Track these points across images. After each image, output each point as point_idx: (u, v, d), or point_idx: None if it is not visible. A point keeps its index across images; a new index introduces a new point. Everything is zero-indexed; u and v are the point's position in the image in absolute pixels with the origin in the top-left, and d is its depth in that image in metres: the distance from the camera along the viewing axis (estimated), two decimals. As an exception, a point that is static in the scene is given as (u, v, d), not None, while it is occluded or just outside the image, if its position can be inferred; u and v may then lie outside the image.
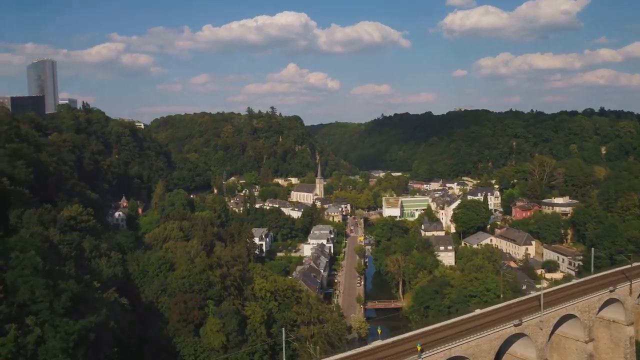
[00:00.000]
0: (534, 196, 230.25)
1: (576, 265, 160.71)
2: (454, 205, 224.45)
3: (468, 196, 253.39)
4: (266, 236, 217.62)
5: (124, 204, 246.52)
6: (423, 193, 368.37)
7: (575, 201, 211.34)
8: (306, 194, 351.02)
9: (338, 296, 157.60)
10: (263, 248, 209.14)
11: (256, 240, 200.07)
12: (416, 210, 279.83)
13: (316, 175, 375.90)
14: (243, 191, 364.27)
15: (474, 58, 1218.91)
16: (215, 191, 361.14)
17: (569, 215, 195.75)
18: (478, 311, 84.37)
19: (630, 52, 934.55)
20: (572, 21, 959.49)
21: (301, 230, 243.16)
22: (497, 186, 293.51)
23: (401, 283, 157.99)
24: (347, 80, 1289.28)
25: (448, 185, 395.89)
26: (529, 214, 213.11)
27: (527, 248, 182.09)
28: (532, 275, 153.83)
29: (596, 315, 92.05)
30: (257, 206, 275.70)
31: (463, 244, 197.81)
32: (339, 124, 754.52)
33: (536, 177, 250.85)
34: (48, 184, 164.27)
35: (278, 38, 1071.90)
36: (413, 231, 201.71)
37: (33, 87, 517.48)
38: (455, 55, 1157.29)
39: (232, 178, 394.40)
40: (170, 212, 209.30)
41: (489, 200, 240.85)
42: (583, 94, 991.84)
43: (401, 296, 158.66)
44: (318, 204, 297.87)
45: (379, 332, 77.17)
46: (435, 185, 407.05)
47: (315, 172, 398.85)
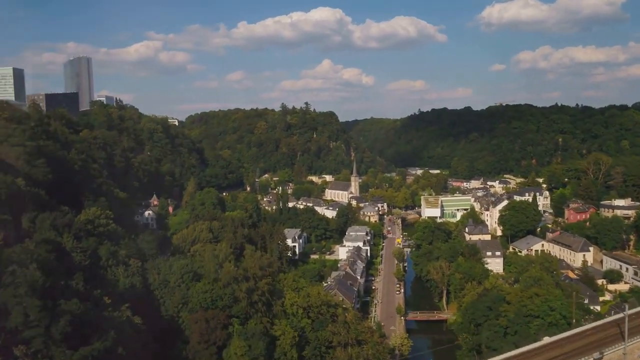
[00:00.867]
0: (589, 197, 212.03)
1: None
2: (500, 206, 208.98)
3: (514, 196, 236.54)
4: (299, 237, 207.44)
5: (155, 203, 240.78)
6: (463, 192, 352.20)
7: (638, 203, 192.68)
8: (341, 192, 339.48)
9: (376, 305, 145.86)
10: (296, 250, 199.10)
11: (289, 242, 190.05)
12: (457, 210, 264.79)
13: (351, 172, 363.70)
14: (276, 189, 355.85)
15: (513, 52, 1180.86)
16: (247, 189, 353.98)
17: (632, 219, 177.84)
18: (547, 339, 71.36)
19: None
20: (617, 12, 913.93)
21: (336, 230, 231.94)
22: (545, 185, 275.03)
23: (445, 292, 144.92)
24: (382, 75, 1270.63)
25: (489, 183, 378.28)
26: (585, 217, 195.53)
27: (585, 255, 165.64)
28: (593, 286, 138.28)
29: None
30: (290, 205, 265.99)
31: (511, 249, 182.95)
32: (374, 120, 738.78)
33: (590, 177, 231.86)
34: (73, 183, 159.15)
35: (313, 34, 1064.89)
36: (456, 234, 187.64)
37: (69, 84, 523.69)
38: (493, 49, 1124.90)
39: (265, 175, 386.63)
40: (200, 212, 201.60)
41: (538, 200, 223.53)
42: (627, 88, 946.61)
43: (445, 306, 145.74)
44: (353, 203, 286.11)
45: None
46: (475, 183, 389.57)
47: (350, 170, 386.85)
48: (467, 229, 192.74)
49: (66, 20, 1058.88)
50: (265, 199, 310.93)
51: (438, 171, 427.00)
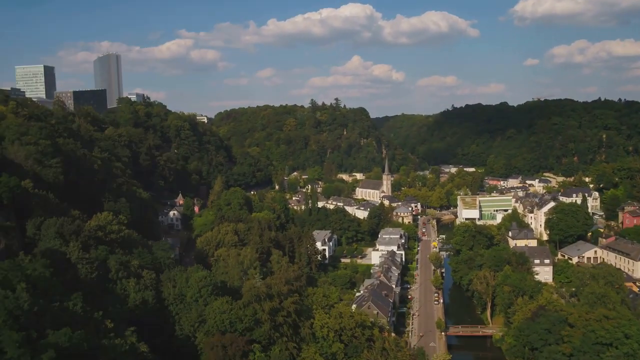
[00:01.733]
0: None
1: None
2: (546, 208, 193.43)
3: (559, 197, 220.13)
4: (329, 240, 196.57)
5: (181, 202, 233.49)
6: (501, 191, 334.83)
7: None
8: (372, 191, 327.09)
9: (413, 317, 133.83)
10: (326, 253, 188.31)
11: (318, 245, 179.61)
12: (496, 211, 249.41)
13: (383, 170, 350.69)
14: (305, 187, 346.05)
15: (547, 46, 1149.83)
16: (276, 187, 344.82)
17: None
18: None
19: None
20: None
21: (368, 232, 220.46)
22: (593, 185, 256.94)
23: (489, 304, 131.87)
24: (412, 71, 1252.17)
25: (528, 182, 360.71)
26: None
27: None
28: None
29: None
30: (320, 205, 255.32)
31: (560, 256, 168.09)
32: (405, 116, 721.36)
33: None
34: (93, 183, 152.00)
35: (342, 30, 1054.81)
36: (499, 239, 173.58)
37: (99, 82, 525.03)
38: (526, 43, 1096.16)
39: (294, 173, 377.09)
40: (225, 212, 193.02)
41: (587, 202, 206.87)
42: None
43: (489, 319, 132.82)
44: (386, 203, 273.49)
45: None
46: (513, 182, 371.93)
47: (381, 167, 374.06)
48: (511, 234, 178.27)
49: (100, 20, 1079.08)
50: (294, 198, 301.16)
51: (473, 169, 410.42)
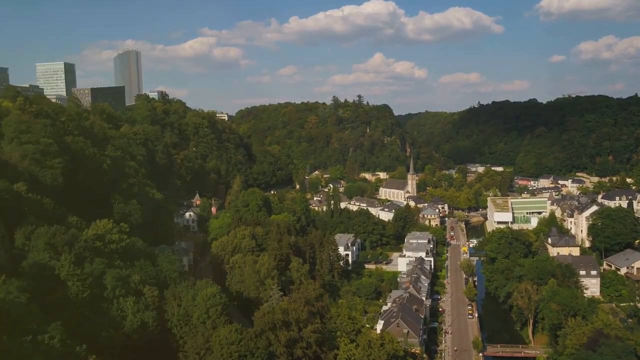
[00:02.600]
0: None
1: None
2: (588, 212, 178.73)
3: (601, 200, 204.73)
4: (352, 244, 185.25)
5: (197, 202, 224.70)
6: (533, 192, 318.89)
7: None
8: (396, 191, 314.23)
9: (445, 334, 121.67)
10: (349, 259, 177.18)
11: (341, 249, 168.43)
12: (530, 213, 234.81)
13: (407, 170, 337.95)
14: (327, 187, 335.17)
15: (574, 42, 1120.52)
16: (297, 187, 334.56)
17: None
18: None
19: None
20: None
21: (393, 236, 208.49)
22: (635, 187, 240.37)
23: (531, 321, 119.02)
24: (435, 68, 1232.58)
25: (560, 182, 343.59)
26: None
27: None
28: None
29: None
30: (342, 205, 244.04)
31: (605, 266, 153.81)
32: (429, 114, 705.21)
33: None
34: (103, 184, 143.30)
35: (364, 27, 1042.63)
36: (537, 246, 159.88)
37: (119, 78, 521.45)
38: (552, 40, 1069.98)
39: (316, 172, 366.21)
40: (243, 214, 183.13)
41: (633, 206, 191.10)
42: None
43: (531, 337, 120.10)
44: (411, 204, 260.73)
45: None
46: (545, 182, 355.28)
47: (406, 167, 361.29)
48: (550, 240, 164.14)
49: (124, 18, 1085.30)
50: (315, 198, 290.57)
51: (501, 168, 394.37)
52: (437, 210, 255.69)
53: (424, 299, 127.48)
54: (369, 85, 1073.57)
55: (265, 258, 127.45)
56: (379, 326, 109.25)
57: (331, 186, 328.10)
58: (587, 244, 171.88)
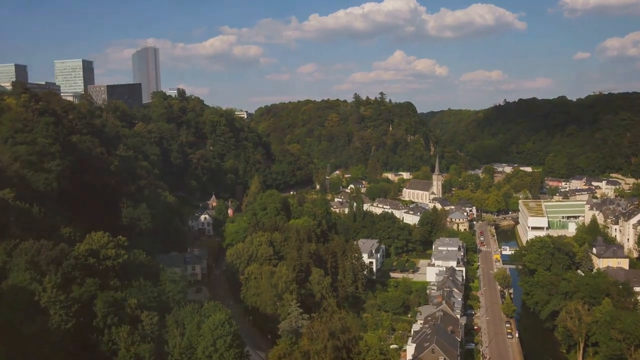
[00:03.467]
0: None
1: None
2: (636, 219, 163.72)
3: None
4: (377, 251, 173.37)
5: (214, 204, 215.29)
6: (565, 194, 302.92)
7: None
8: (421, 192, 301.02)
9: (484, 359, 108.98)
10: (373, 267, 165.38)
11: (364, 257, 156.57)
12: (566, 218, 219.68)
13: (432, 170, 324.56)
14: (348, 187, 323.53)
15: (599, 39, 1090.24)
16: (317, 187, 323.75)
17: None
18: None
19: None
20: None
21: (419, 241, 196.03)
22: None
23: (582, 345, 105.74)
24: (456, 66, 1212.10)
25: (594, 183, 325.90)
26: None
27: None
28: None
29: None
30: (365, 207, 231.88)
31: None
32: (452, 111, 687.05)
33: None
34: (110, 186, 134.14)
35: (385, 25, 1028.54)
36: (581, 257, 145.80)
37: (137, 76, 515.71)
38: (576, 36, 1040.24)
39: (337, 172, 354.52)
40: (261, 218, 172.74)
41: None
42: None
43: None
44: (437, 206, 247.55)
45: None
46: (577, 183, 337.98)
47: (430, 166, 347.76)
48: (596, 250, 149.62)
49: (145, 17, 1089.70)
50: (336, 199, 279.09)
51: (530, 169, 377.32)
52: (465, 213, 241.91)
53: (459, 317, 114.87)
54: (389, 83, 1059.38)
55: (283, 270, 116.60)
56: (410, 349, 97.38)
57: (352, 187, 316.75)
58: (635, 254, 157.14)
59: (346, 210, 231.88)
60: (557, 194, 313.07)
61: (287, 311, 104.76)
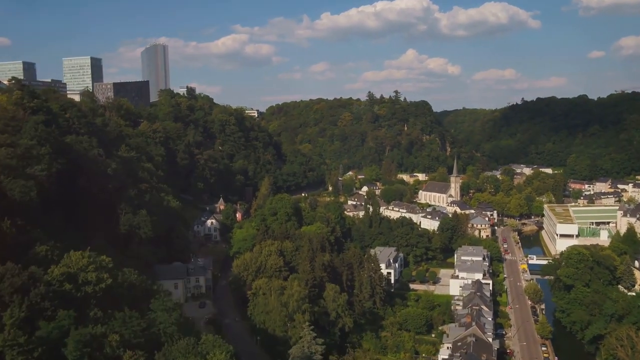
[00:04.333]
0: None
1: None
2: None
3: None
4: (394, 260, 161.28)
5: (222, 207, 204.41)
6: (590, 197, 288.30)
7: None
8: (438, 195, 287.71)
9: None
10: (391, 278, 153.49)
11: (382, 267, 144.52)
12: (595, 225, 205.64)
13: (449, 171, 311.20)
14: (362, 189, 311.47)
15: (614, 37, 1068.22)
16: (329, 188, 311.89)
17: None
18: None
19: None
20: None
21: (440, 249, 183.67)
22: None
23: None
24: (469, 65, 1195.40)
25: (620, 186, 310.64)
26: None
27: None
28: None
29: None
30: (382, 210, 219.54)
31: None
32: (467, 111, 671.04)
33: None
34: (107, 191, 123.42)
35: (397, 23, 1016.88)
36: (622, 271, 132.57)
37: (146, 74, 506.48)
38: (591, 35, 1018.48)
39: (350, 173, 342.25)
40: (270, 224, 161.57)
41: None
42: None
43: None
44: (457, 210, 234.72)
45: None
46: (601, 185, 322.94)
47: (446, 167, 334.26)
48: (638, 264, 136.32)
49: (158, 16, 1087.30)
50: (349, 202, 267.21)
51: (550, 170, 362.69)
52: (487, 218, 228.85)
53: (491, 341, 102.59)
54: (401, 81, 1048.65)
55: (294, 286, 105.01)
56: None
57: (366, 188, 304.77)
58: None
59: (360, 214, 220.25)
60: (581, 197, 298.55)
61: (299, 334, 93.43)
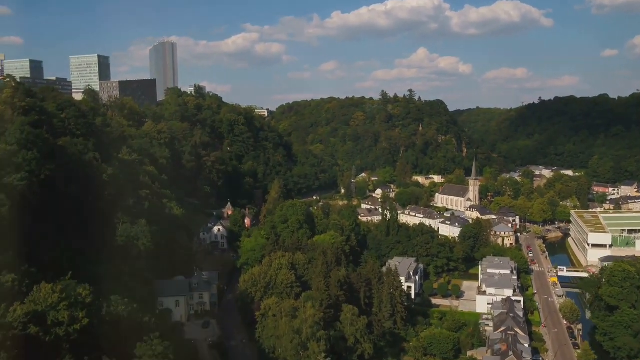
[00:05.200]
0: None
1: None
2: None
3: None
4: (415, 273, 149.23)
5: (229, 212, 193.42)
6: (617, 202, 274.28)
7: None
8: (456, 199, 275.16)
9: None
10: (412, 292, 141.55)
11: (402, 280, 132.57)
12: (629, 232, 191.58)
13: (467, 173, 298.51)
14: (376, 191, 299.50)
15: (628, 36, 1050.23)
16: (342, 191, 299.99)
17: None
18: None
19: None
20: None
21: (461, 259, 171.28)
22: None
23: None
24: (480, 64, 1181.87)
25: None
26: None
27: None
28: None
29: None
30: (399, 213, 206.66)
31: None
32: (481, 110, 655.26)
33: None
34: (103, 198, 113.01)
35: (408, 22, 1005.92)
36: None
37: (154, 72, 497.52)
38: (605, 33, 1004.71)
39: (363, 175, 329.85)
40: (281, 232, 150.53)
41: None
42: None
43: None
44: (478, 216, 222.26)
45: None
46: (627, 189, 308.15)
47: (463, 169, 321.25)
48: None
49: (169, 15, 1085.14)
50: (363, 206, 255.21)
51: (570, 172, 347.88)
52: (510, 225, 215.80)
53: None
54: (412, 80, 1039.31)
55: (308, 309, 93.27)
56: None
57: (380, 191, 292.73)
58: None
59: (375, 219, 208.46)
60: (607, 202, 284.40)
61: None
